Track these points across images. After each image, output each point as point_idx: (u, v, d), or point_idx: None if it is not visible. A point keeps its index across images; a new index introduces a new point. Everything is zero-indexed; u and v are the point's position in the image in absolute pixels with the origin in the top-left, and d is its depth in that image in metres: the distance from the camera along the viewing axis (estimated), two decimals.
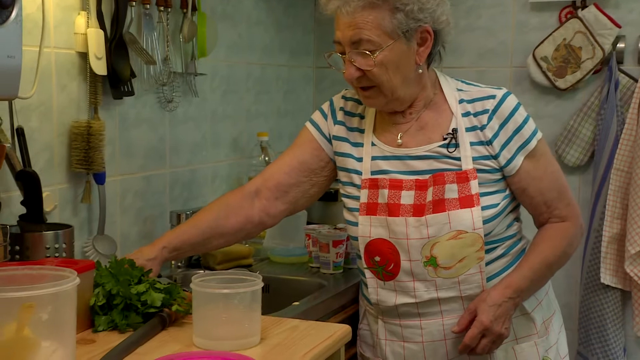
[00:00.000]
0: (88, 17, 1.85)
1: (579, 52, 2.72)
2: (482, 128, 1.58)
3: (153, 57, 2.06)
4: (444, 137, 1.58)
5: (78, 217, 1.91)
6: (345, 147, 1.67)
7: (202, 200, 2.39)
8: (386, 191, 1.59)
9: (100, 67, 1.87)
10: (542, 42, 2.75)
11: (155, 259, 1.59)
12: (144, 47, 2.03)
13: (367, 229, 1.60)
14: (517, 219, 1.69)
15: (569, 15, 2.75)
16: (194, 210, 2.22)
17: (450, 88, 1.63)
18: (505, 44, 2.86)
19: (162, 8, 2.10)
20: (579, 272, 2.74)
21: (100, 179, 1.91)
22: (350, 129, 1.68)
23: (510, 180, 1.61)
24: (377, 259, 1.61)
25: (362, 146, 1.65)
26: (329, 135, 1.70)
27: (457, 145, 1.58)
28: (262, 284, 1.49)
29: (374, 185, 1.60)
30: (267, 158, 2.54)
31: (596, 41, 2.69)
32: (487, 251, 1.59)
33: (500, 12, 2.84)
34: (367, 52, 1.51)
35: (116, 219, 2.04)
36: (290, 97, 2.93)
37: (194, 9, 2.22)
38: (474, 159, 1.57)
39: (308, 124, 1.74)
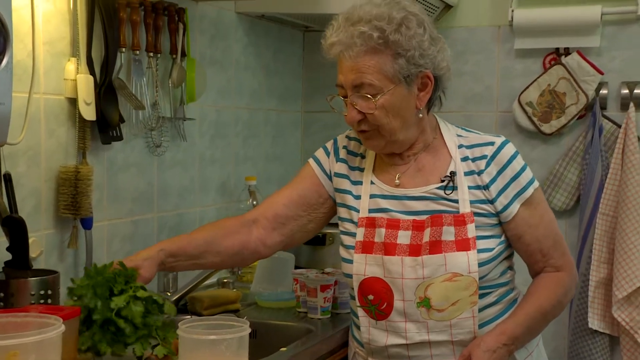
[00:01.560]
0: (78, 63, 1.87)
1: (563, 97, 2.76)
2: (480, 173, 1.60)
3: (142, 102, 2.07)
4: (442, 179, 1.60)
5: (64, 262, 1.90)
6: (346, 185, 1.69)
7: None
8: (383, 230, 1.60)
9: (89, 112, 1.88)
10: (527, 87, 2.80)
11: (152, 259, 1.58)
12: (133, 93, 2.05)
13: (362, 267, 1.61)
14: (511, 268, 1.69)
15: (552, 62, 2.80)
16: None
17: (450, 134, 1.66)
18: (491, 89, 2.90)
19: (151, 54, 2.13)
20: (567, 317, 2.74)
21: (87, 224, 1.90)
22: (352, 168, 1.70)
23: (507, 226, 1.61)
24: (371, 297, 1.61)
25: (362, 184, 1.67)
26: (330, 172, 1.72)
27: (454, 188, 1.59)
28: (249, 330, 1.48)
29: (370, 224, 1.62)
30: (255, 202, 2.55)
31: (580, 87, 2.73)
32: (481, 296, 1.58)
33: (485, 58, 2.89)
34: (369, 96, 1.54)
35: (103, 264, 2.02)
36: (278, 141, 2.95)
37: (183, 54, 2.25)
38: (472, 202, 1.58)
39: (311, 160, 1.76)
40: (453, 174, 1.60)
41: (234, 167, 2.64)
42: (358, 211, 1.64)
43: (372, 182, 1.65)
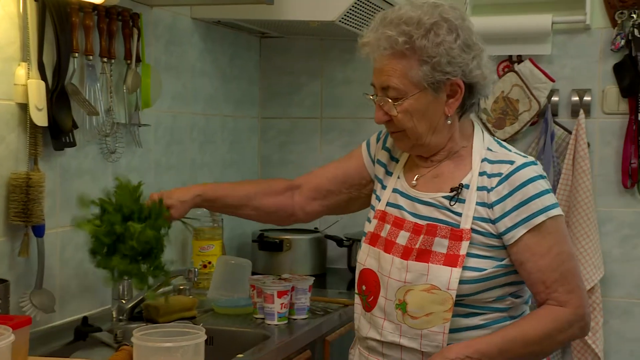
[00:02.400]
0: (29, 68, 1.84)
1: (517, 104, 2.81)
2: (490, 190, 1.54)
3: (96, 108, 2.05)
4: (451, 189, 1.57)
5: (15, 270, 1.86)
6: (381, 173, 1.71)
7: None
8: (388, 227, 1.61)
9: (40, 118, 1.85)
10: None
11: (187, 202, 1.70)
12: (87, 98, 2.02)
13: (364, 257, 1.64)
14: (516, 296, 1.60)
15: (506, 69, 2.85)
16: None
17: (481, 145, 1.61)
18: None
19: (105, 59, 2.10)
20: None
21: (39, 231, 1.87)
22: (392, 158, 1.72)
23: (510, 250, 1.53)
24: (364, 287, 1.63)
25: (391, 176, 1.69)
26: (374, 157, 1.74)
27: (459, 201, 1.56)
28: (205, 337, 1.47)
29: (382, 217, 1.64)
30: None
31: (532, 94, 2.79)
32: (465, 315, 1.55)
33: None
34: (392, 99, 1.56)
35: (55, 272, 1.99)
36: (235, 147, 2.94)
37: (138, 60, 2.23)
38: (474, 218, 1.54)
39: (364, 143, 1.78)
40: (462, 186, 1.56)
41: (190, 173, 2.63)
42: (379, 201, 1.67)
43: (398, 177, 1.67)
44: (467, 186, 1.56)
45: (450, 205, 1.56)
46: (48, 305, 1.87)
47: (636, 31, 2.66)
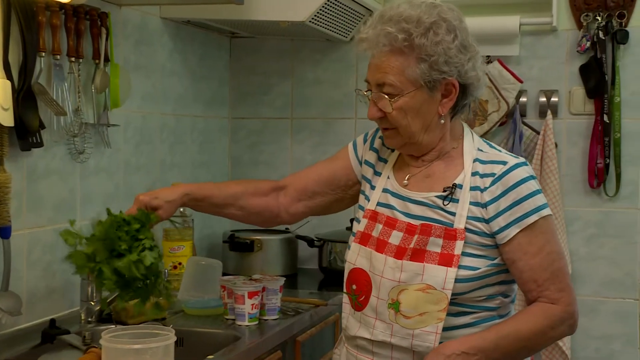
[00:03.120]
0: None
1: (486, 105, 2.84)
2: (483, 190, 1.56)
3: (63, 108, 2.03)
4: (444, 189, 1.58)
5: None
6: (369, 174, 1.71)
7: None
8: (380, 226, 1.62)
9: (6, 118, 1.82)
10: None
11: (174, 202, 1.69)
12: (54, 98, 2.00)
13: (355, 256, 1.64)
14: (505, 295, 1.62)
15: None
16: None
17: (472, 146, 1.63)
18: None
19: (73, 59, 2.08)
20: None
21: (5, 233, 1.84)
22: (380, 159, 1.72)
23: (502, 249, 1.56)
24: (354, 287, 1.63)
25: (380, 176, 1.69)
26: (362, 158, 1.74)
27: (453, 200, 1.57)
28: (174, 338, 1.46)
29: (373, 217, 1.64)
30: (182, 209, 2.52)
31: (501, 95, 2.82)
32: (456, 314, 1.56)
33: None
34: (387, 96, 1.56)
35: (22, 274, 1.97)
36: (205, 147, 2.93)
37: (107, 59, 2.21)
38: (468, 218, 1.55)
39: (350, 143, 1.79)
40: (455, 186, 1.57)
41: (160, 173, 2.61)
42: (369, 201, 1.67)
43: (388, 177, 1.67)
44: (461, 186, 1.57)
45: (444, 204, 1.57)
46: (14, 308, 1.84)
47: (601, 33, 2.71)
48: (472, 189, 1.57)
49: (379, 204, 1.65)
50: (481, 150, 1.62)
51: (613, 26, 2.71)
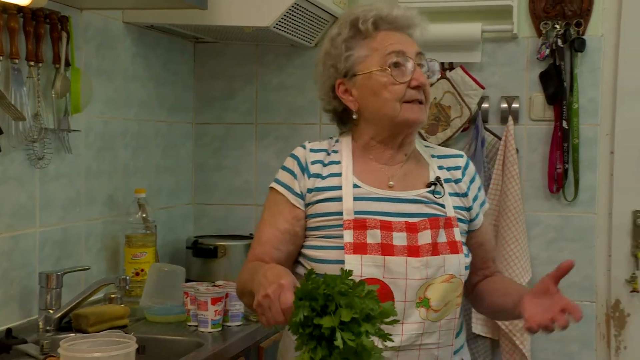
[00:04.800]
0: None
1: (449, 110, 2.87)
2: (457, 181, 1.68)
3: (22, 113, 2.00)
4: (429, 183, 1.65)
5: None
6: (323, 195, 1.63)
7: (76, 259, 2.31)
8: (378, 232, 1.57)
9: None
10: None
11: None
12: (12, 103, 1.97)
13: (358, 267, 1.55)
14: None
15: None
16: (66, 270, 2.14)
17: (421, 144, 1.73)
18: None
19: (32, 63, 2.05)
20: None
21: None
22: (324, 177, 1.64)
23: (473, 234, 1.69)
24: None
25: (341, 189, 1.62)
26: (302, 192, 1.64)
27: (438, 193, 1.64)
28: (136, 346, 1.45)
29: (360, 226, 1.58)
30: (144, 215, 2.50)
31: (463, 101, 2.85)
32: None
33: None
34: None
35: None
36: (169, 153, 2.91)
37: (67, 64, 2.18)
38: (454, 207, 1.65)
39: (279, 187, 1.65)
40: (438, 179, 1.65)
41: (123, 179, 2.58)
42: (340, 214, 1.59)
43: (356, 185, 1.62)
44: (439, 178, 1.66)
45: (436, 198, 1.64)
46: None
47: (559, 41, 2.76)
48: (446, 181, 1.66)
49: (358, 212, 1.59)
50: (428, 147, 1.74)
51: (571, 34, 2.77)
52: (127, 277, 2.25)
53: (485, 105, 2.87)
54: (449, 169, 1.68)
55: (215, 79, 3.09)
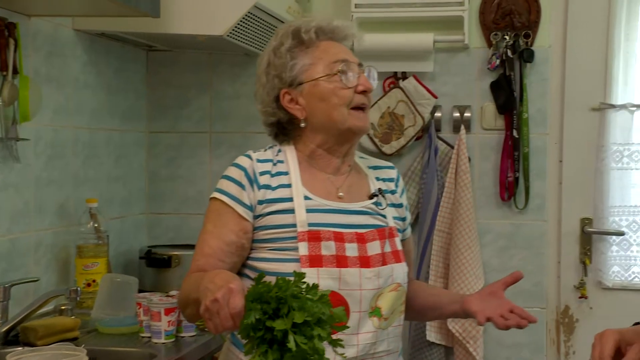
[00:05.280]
0: None
1: (402, 119, 2.90)
2: (393, 192, 1.74)
3: None
4: (372, 194, 1.68)
5: None
6: (274, 207, 1.61)
7: (24, 271, 2.25)
8: (332, 243, 1.58)
9: None
10: None
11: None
12: None
13: (315, 280, 1.51)
14: None
15: (391, 85, 2.94)
16: (13, 282, 2.09)
17: (356, 155, 1.75)
18: None
19: None
20: (407, 330, 2.86)
21: None
22: (274, 188, 1.62)
23: (405, 242, 1.74)
24: None
25: (292, 200, 1.60)
26: (252, 204, 1.61)
27: (382, 204, 1.68)
28: (86, 358, 1.43)
29: (314, 237, 1.57)
30: (96, 225, 2.46)
31: (416, 110, 2.88)
32: None
33: None
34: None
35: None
36: (121, 162, 2.87)
37: (15, 71, 2.14)
38: (393, 218, 1.70)
39: (225, 198, 1.61)
40: (380, 190, 1.70)
41: (74, 189, 2.54)
42: (294, 226, 1.58)
43: (306, 197, 1.61)
44: (381, 189, 1.70)
45: (379, 209, 1.68)
46: None
47: (509, 52, 2.81)
48: (385, 192, 1.71)
49: (311, 224, 1.59)
50: (362, 157, 1.77)
51: (520, 45, 2.83)
52: (78, 289, 2.22)
53: (438, 114, 2.91)
54: (384, 180, 1.74)
55: (169, 87, 3.06)
